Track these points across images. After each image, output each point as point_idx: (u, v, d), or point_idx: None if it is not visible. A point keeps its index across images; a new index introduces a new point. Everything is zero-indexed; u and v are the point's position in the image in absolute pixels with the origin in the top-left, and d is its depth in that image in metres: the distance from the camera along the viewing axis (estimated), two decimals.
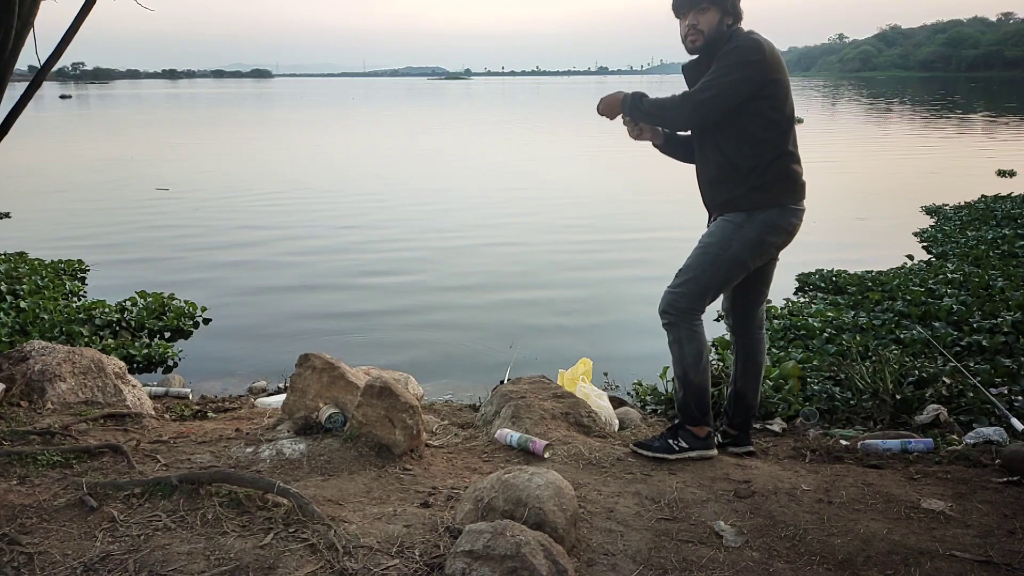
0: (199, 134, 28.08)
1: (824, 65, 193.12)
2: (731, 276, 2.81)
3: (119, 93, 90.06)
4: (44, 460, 2.57)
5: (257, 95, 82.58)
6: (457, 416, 3.80)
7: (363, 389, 2.89)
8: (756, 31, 2.75)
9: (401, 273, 7.87)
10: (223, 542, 2.05)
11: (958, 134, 23.26)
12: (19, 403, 3.26)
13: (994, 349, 4.64)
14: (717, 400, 3.71)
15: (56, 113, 42.52)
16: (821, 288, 6.60)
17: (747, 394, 3.04)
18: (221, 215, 11.12)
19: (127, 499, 2.30)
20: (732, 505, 2.48)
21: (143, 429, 3.16)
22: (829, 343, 4.93)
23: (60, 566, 1.94)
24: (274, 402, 3.98)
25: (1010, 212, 9.23)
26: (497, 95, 77.71)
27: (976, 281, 6.02)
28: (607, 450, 2.94)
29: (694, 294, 2.78)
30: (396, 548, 2.05)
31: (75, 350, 3.63)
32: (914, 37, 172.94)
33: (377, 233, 9.85)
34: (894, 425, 3.60)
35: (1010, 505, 2.45)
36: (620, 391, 4.66)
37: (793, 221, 2.78)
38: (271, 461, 2.71)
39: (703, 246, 2.81)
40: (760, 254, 2.79)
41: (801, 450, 3.11)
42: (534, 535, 1.90)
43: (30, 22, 3.01)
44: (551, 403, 3.33)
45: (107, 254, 8.52)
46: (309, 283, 7.48)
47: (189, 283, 7.25)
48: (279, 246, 9.11)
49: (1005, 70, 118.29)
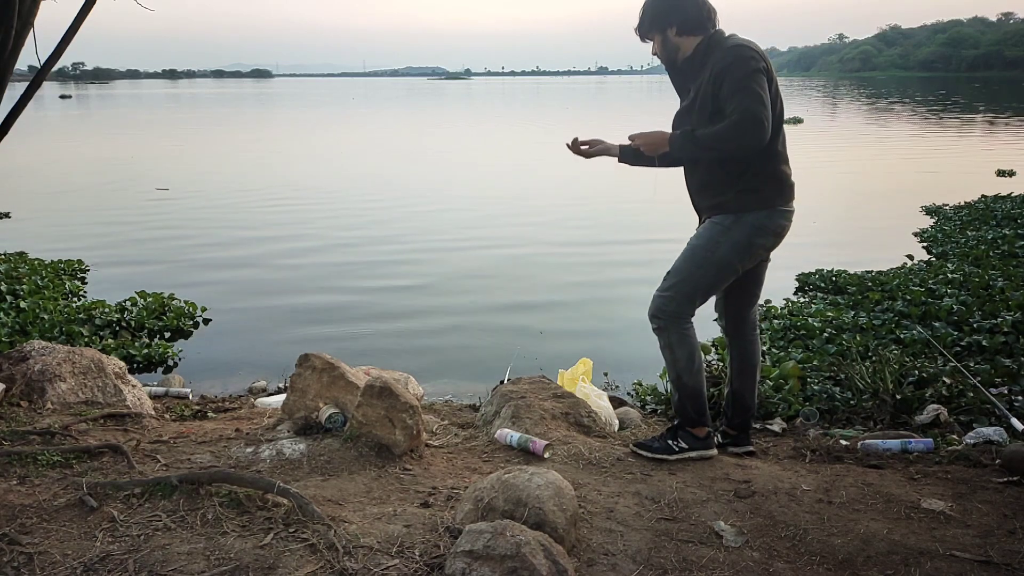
0: (199, 134, 28.07)
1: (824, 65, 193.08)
2: (719, 279, 2.79)
3: (119, 93, 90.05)
4: (44, 460, 2.57)
5: (257, 95, 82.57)
6: (457, 416, 3.80)
7: (363, 389, 2.88)
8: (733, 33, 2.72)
9: (401, 273, 7.86)
10: (223, 542, 2.05)
11: (958, 134, 23.26)
12: (19, 403, 3.26)
13: (994, 349, 4.64)
14: (716, 400, 3.72)
15: (56, 113, 42.52)
16: (821, 288, 6.60)
17: (744, 395, 3.03)
18: (221, 215, 11.12)
19: (127, 499, 2.30)
20: (732, 505, 2.48)
21: (143, 429, 3.16)
22: (829, 343, 4.93)
23: (60, 566, 1.94)
24: (274, 402, 3.98)
25: (1010, 212, 9.23)
26: (497, 95, 77.72)
27: (976, 281, 6.02)
28: (607, 450, 2.94)
29: (683, 297, 2.76)
30: (396, 548, 2.05)
31: (75, 350, 3.63)
32: (914, 37, 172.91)
33: (377, 233, 9.85)
34: (894, 425, 3.60)
35: (1010, 505, 2.45)
36: (620, 391, 4.66)
37: (782, 223, 2.76)
38: (271, 461, 2.71)
39: (691, 249, 2.79)
40: (749, 256, 2.77)
41: (801, 450, 3.11)
42: (534, 535, 1.90)
43: (30, 22, 3.01)
44: (551, 403, 3.33)
45: (107, 254, 8.52)
46: (309, 283, 7.48)
47: (189, 283, 7.25)
48: (279, 246, 9.11)
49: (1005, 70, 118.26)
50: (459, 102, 60.17)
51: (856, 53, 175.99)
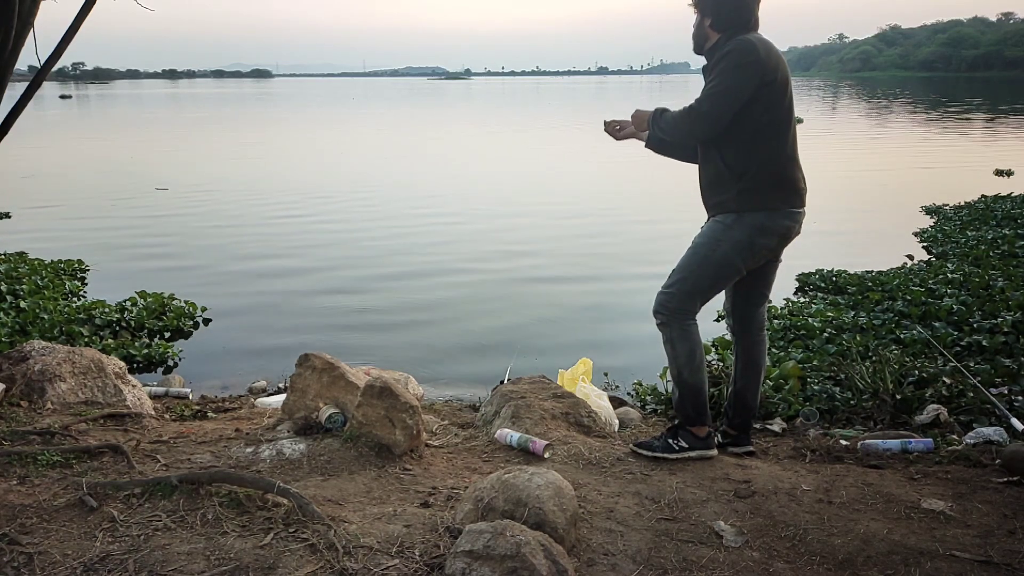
0: (199, 134, 28.07)
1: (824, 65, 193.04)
2: (721, 277, 2.80)
3: (119, 93, 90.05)
4: (44, 460, 2.57)
5: (257, 95, 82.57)
6: (457, 416, 3.80)
7: (363, 389, 2.89)
8: (756, 32, 2.75)
9: (401, 273, 7.86)
10: (223, 542, 2.05)
11: (958, 134, 23.25)
12: (19, 403, 3.26)
13: (994, 349, 4.64)
14: (717, 400, 3.72)
15: (56, 113, 42.51)
16: (821, 288, 6.60)
17: (747, 394, 3.04)
18: (222, 215, 11.12)
19: (127, 499, 2.30)
20: (732, 505, 2.48)
21: (143, 429, 3.16)
22: (829, 343, 4.93)
23: (60, 566, 1.94)
24: (274, 402, 3.98)
25: (1010, 212, 9.23)
26: (497, 95, 77.72)
27: (976, 281, 6.02)
28: (607, 450, 2.94)
29: (684, 294, 2.79)
30: (396, 548, 2.05)
31: (75, 350, 3.63)
32: (914, 37, 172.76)
33: (377, 233, 9.85)
34: (894, 425, 3.60)
35: (1010, 505, 2.45)
36: (620, 391, 4.66)
37: (787, 224, 2.76)
38: (271, 461, 2.71)
39: (694, 247, 2.83)
40: (751, 256, 2.77)
41: (801, 450, 3.11)
42: (534, 535, 1.90)
43: (30, 22, 3.01)
44: (551, 403, 3.33)
45: (107, 254, 8.52)
46: (309, 283, 7.48)
47: (189, 283, 7.24)
48: (279, 246, 9.11)
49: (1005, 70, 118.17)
50: (459, 102, 60.17)
51: (856, 53, 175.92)
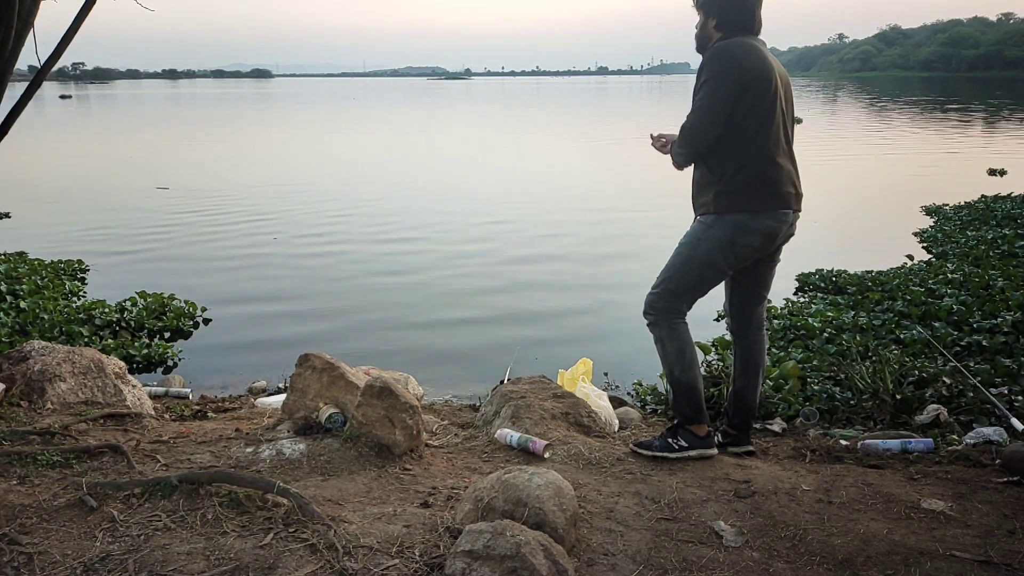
0: (199, 134, 28.07)
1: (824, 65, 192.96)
2: (705, 276, 2.82)
3: (119, 93, 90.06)
4: (44, 460, 2.57)
5: (257, 95, 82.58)
6: (457, 416, 3.80)
7: (363, 389, 2.89)
8: (745, 37, 2.73)
9: (401, 273, 7.87)
10: (223, 542, 2.05)
11: (958, 134, 23.25)
12: (19, 403, 3.26)
13: (994, 349, 4.63)
14: (717, 400, 3.72)
15: (56, 113, 42.51)
16: (821, 288, 6.60)
17: (746, 394, 3.04)
18: (222, 215, 11.12)
19: (127, 499, 2.30)
20: (732, 505, 2.48)
21: (143, 429, 3.16)
22: (829, 343, 4.93)
23: (60, 566, 1.94)
24: (274, 402, 3.98)
25: (1010, 212, 9.23)
26: (497, 95, 77.71)
27: (976, 281, 6.02)
28: (607, 450, 2.94)
29: (669, 293, 2.82)
30: (396, 548, 2.05)
31: (75, 350, 3.63)
32: (914, 37, 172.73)
33: (377, 233, 9.85)
34: (894, 425, 3.60)
35: (1010, 505, 2.45)
36: (620, 391, 4.67)
37: (770, 224, 2.73)
38: (271, 461, 2.71)
39: (678, 247, 2.87)
40: (732, 255, 2.76)
41: (801, 450, 3.11)
42: (534, 535, 1.90)
43: (30, 22, 3.01)
44: (551, 403, 3.33)
45: (107, 254, 8.52)
46: (309, 283, 7.48)
47: (189, 283, 7.25)
48: (279, 245, 9.11)
49: (1005, 70, 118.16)
50: (459, 102, 60.16)
51: (856, 53, 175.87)
